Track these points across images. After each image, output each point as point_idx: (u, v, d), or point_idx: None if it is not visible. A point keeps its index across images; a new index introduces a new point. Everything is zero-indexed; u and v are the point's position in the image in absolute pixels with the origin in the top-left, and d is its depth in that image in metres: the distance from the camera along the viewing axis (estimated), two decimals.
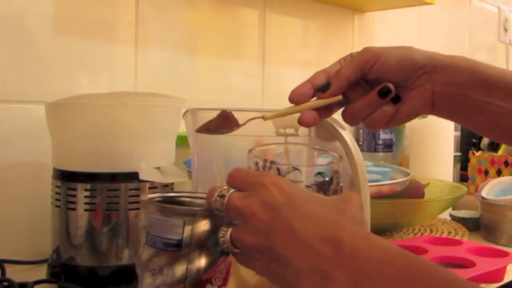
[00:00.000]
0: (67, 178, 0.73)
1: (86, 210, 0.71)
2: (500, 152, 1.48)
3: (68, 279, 0.72)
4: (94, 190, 0.71)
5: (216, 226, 0.47)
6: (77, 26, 0.95)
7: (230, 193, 0.45)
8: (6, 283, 0.71)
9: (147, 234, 0.49)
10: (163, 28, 1.08)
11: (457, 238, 0.96)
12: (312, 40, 1.45)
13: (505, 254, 0.81)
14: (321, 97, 0.57)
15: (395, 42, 0.61)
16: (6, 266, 0.77)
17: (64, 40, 0.93)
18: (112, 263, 0.72)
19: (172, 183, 0.77)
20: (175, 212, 0.48)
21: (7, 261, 0.79)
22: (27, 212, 0.87)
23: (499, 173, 1.31)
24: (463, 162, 1.50)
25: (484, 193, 1.04)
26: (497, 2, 2.22)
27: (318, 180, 0.51)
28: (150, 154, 0.75)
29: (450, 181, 1.32)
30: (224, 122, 0.54)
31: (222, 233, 0.45)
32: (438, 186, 1.14)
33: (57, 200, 0.74)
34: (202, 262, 0.48)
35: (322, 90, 0.56)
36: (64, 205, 0.73)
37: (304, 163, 0.57)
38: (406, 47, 0.59)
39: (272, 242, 0.42)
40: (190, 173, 0.78)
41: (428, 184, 1.10)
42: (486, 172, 1.34)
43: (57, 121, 0.76)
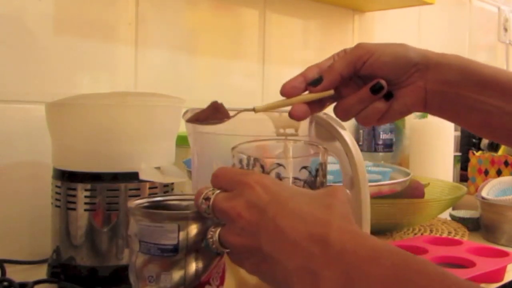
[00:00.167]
0: (67, 178, 0.73)
1: (86, 210, 0.71)
2: (500, 152, 1.48)
3: (68, 279, 0.72)
4: (94, 190, 0.71)
5: (209, 227, 0.47)
6: (77, 26, 0.95)
7: (215, 194, 0.45)
8: (6, 283, 0.71)
9: (139, 241, 0.48)
10: (163, 28, 1.08)
11: (457, 238, 0.96)
12: (312, 40, 1.45)
13: (505, 254, 0.81)
14: (312, 91, 0.57)
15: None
16: (6, 266, 0.77)
17: (64, 40, 0.93)
18: (112, 263, 0.72)
19: (172, 183, 0.77)
20: (168, 217, 0.48)
21: (7, 261, 0.79)
22: (27, 212, 0.87)
23: (499, 173, 1.31)
24: (463, 162, 1.50)
25: (484, 193, 1.04)
26: (497, 2, 2.22)
27: (303, 176, 0.50)
28: (150, 154, 0.75)
29: (450, 181, 1.32)
30: (214, 113, 0.54)
31: (210, 234, 0.45)
32: (438, 186, 1.14)
33: (57, 200, 0.74)
34: (199, 264, 0.48)
35: (314, 84, 0.56)
36: (64, 205, 0.73)
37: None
38: (399, 44, 0.59)
39: (260, 242, 0.41)
40: (190, 173, 0.78)
41: (428, 184, 1.10)
42: (486, 172, 1.34)
43: (57, 121, 0.76)
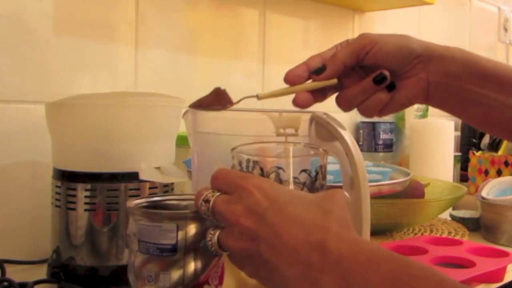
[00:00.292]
0: (67, 178, 0.73)
1: (86, 210, 0.71)
2: (500, 152, 1.48)
3: (68, 279, 0.72)
4: (94, 190, 0.71)
5: (208, 227, 0.47)
6: (77, 26, 0.95)
7: (214, 197, 0.44)
8: (6, 283, 0.71)
9: (138, 241, 0.48)
10: (163, 28, 1.08)
11: (457, 238, 0.96)
12: (312, 40, 1.45)
13: (505, 254, 0.81)
14: (316, 79, 0.57)
15: None
16: (6, 266, 0.77)
17: (64, 40, 0.93)
18: (112, 263, 0.72)
19: (172, 183, 0.77)
20: (167, 216, 0.48)
21: (7, 261, 0.79)
22: (27, 212, 0.87)
23: (499, 173, 1.31)
24: (463, 162, 1.50)
25: (484, 193, 1.04)
26: (497, 2, 2.22)
27: (303, 179, 0.50)
28: (150, 154, 0.75)
29: (450, 181, 1.32)
30: (217, 99, 0.53)
31: (209, 236, 0.45)
32: (438, 186, 1.13)
33: (57, 200, 0.74)
34: (198, 264, 0.48)
35: (317, 72, 0.56)
36: (64, 205, 0.73)
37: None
38: (402, 35, 0.59)
39: (259, 248, 0.41)
40: (190, 173, 0.78)
41: (428, 184, 1.10)
42: (486, 172, 1.34)
43: (57, 121, 0.76)
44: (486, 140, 1.67)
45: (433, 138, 1.34)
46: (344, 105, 0.59)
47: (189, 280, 0.47)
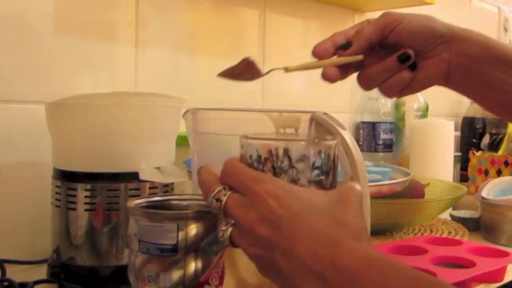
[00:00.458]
0: (67, 178, 0.73)
1: (86, 210, 0.71)
2: (500, 152, 1.48)
3: (68, 279, 0.72)
4: (94, 190, 0.71)
5: (209, 227, 0.47)
6: (77, 26, 0.95)
7: (226, 196, 0.43)
8: (6, 283, 0.71)
9: (139, 241, 0.48)
10: (163, 28, 1.08)
11: (457, 238, 0.96)
12: (312, 40, 1.44)
13: (505, 254, 0.81)
14: (342, 54, 0.57)
15: None
16: (6, 266, 0.77)
17: (64, 40, 0.93)
18: (112, 263, 0.72)
19: (172, 183, 0.77)
20: (167, 217, 0.48)
21: (7, 261, 0.79)
22: (27, 212, 0.87)
23: (499, 173, 1.31)
24: (463, 162, 1.50)
25: (484, 193, 1.04)
26: (497, 2, 2.22)
27: (316, 179, 0.49)
28: (150, 154, 0.75)
29: (450, 181, 1.32)
30: (248, 69, 0.53)
31: (221, 232, 0.44)
32: (438, 186, 1.14)
33: (57, 200, 0.74)
34: (198, 264, 0.48)
35: (344, 47, 0.57)
36: (64, 205, 0.73)
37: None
38: (426, 15, 0.60)
39: (274, 257, 0.41)
40: (190, 173, 0.78)
41: (428, 184, 1.10)
42: (486, 172, 1.34)
43: (57, 121, 0.76)
44: (486, 140, 1.67)
45: (433, 138, 1.34)
46: (366, 83, 0.59)
47: (189, 280, 0.47)
